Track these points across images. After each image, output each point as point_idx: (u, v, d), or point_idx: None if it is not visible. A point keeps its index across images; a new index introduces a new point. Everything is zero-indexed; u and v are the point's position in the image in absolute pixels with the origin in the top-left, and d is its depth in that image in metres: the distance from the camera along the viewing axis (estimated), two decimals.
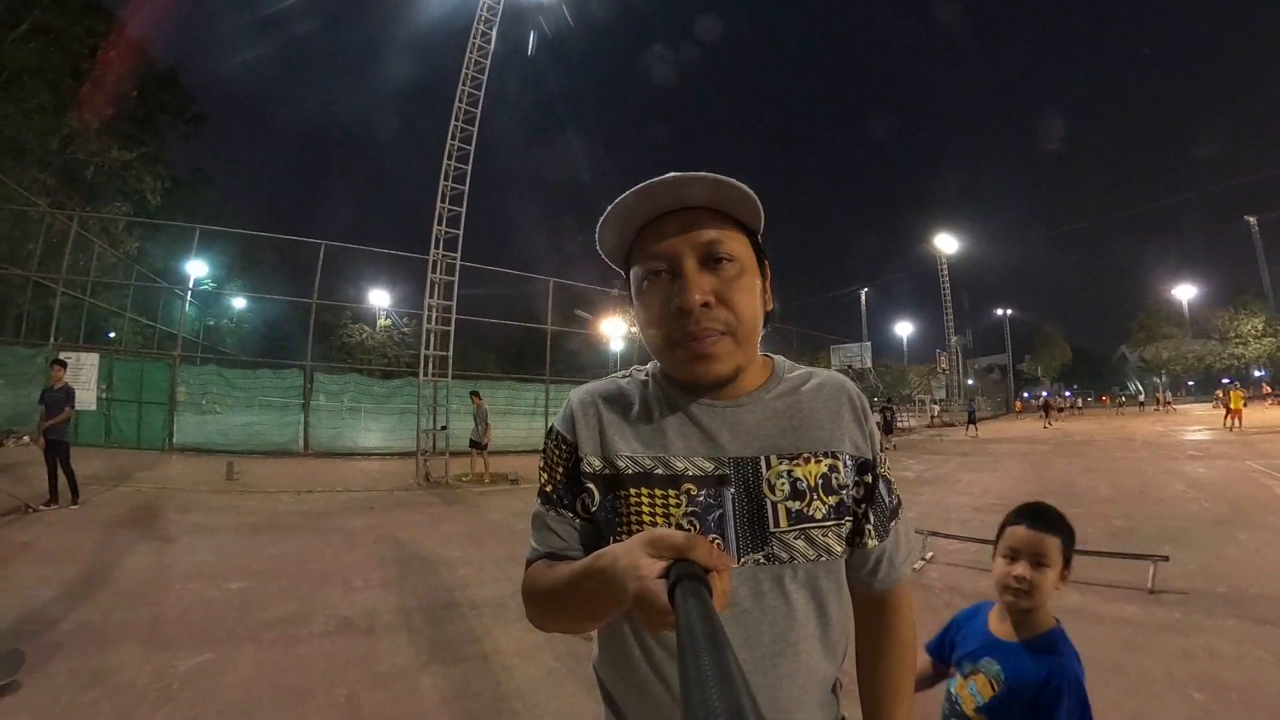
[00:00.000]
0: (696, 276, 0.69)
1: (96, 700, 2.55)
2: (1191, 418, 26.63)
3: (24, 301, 16.84)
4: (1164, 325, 45.76)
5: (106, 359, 12.38)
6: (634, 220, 0.72)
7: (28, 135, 18.06)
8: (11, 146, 17.65)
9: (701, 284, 0.68)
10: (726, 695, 0.30)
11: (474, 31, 11.28)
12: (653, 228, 0.71)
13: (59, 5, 18.84)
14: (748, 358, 0.74)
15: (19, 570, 4.18)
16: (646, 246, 0.72)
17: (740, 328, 0.70)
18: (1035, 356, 63.26)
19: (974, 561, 4.54)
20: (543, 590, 0.70)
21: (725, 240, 0.70)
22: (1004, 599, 1.24)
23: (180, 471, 9.41)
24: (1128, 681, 2.63)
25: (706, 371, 0.70)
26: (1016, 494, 7.86)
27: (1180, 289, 46.28)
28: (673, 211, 0.71)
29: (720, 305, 0.69)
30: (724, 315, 0.69)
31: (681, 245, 0.70)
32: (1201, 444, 13.86)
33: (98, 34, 20.73)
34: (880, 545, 0.77)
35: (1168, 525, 5.59)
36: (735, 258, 0.71)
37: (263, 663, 2.93)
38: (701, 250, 0.70)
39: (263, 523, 6.10)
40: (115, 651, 3.00)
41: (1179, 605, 3.52)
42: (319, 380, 14.49)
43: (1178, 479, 8.48)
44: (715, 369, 0.70)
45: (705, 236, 0.70)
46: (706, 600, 0.43)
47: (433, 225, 10.60)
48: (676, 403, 0.75)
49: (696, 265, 0.69)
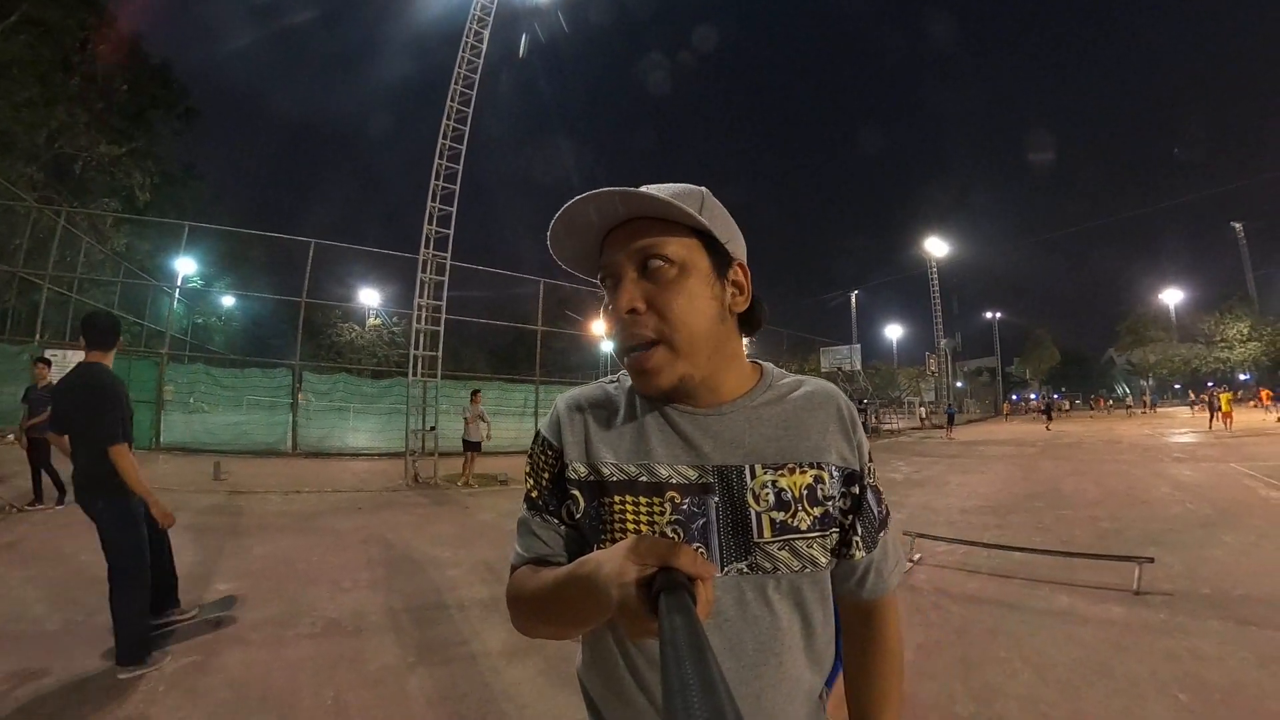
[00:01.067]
0: (629, 285, 0.68)
1: (82, 702, 2.52)
2: (1177, 420, 26.97)
3: (10, 297, 16.59)
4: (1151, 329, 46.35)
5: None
6: (590, 235, 0.73)
7: (16, 129, 17.86)
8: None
9: (633, 291, 0.68)
10: (709, 703, 0.30)
11: (467, 31, 11.25)
12: (608, 239, 0.72)
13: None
14: (699, 366, 0.70)
15: (2, 572, 4.12)
16: (600, 259, 0.73)
17: (675, 334, 0.67)
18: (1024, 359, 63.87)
19: (962, 563, 4.58)
20: (527, 596, 0.70)
21: (662, 244, 0.69)
22: None
23: (167, 471, 9.30)
24: (1113, 683, 2.66)
25: (647, 384, 0.70)
26: (1004, 496, 7.94)
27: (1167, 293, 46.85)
28: (623, 223, 0.71)
29: (650, 312, 0.68)
30: (653, 322, 0.68)
31: (620, 254, 0.70)
32: (1187, 446, 14.03)
33: (89, 27, 20.50)
34: (868, 556, 0.76)
35: (1154, 527, 5.65)
36: (673, 260, 0.68)
37: (250, 664, 2.90)
38: (638, 257, 0.69)
39: (250, 523, 6.04)
40: (100, 653, 2.96)
41: (1164, 606, 3.55)
42: (308, 380, 14.41)
43: (1164, 481, 8.58)
44: (654, 382, 0.69)
45: (640, 243, 0.69)
46: (690, 608, 0.43)
47: (423, 225, 10.57)
48: (660, 410, 0.74)
49: (635, 274, 0.69)
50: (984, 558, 4.64)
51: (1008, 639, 3.18)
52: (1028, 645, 3.08)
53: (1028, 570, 4.31)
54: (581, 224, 0.71)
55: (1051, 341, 62.53)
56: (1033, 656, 2.94)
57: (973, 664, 2.89)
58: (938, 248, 40.80)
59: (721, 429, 0.72)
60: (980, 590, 4.02)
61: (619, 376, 0.81)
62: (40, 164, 19.47)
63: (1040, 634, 3.22)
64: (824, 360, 28.77)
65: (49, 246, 14.28)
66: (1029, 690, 2.61)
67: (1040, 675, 2.74)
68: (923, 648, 3.12)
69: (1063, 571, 4.22)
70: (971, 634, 3.29)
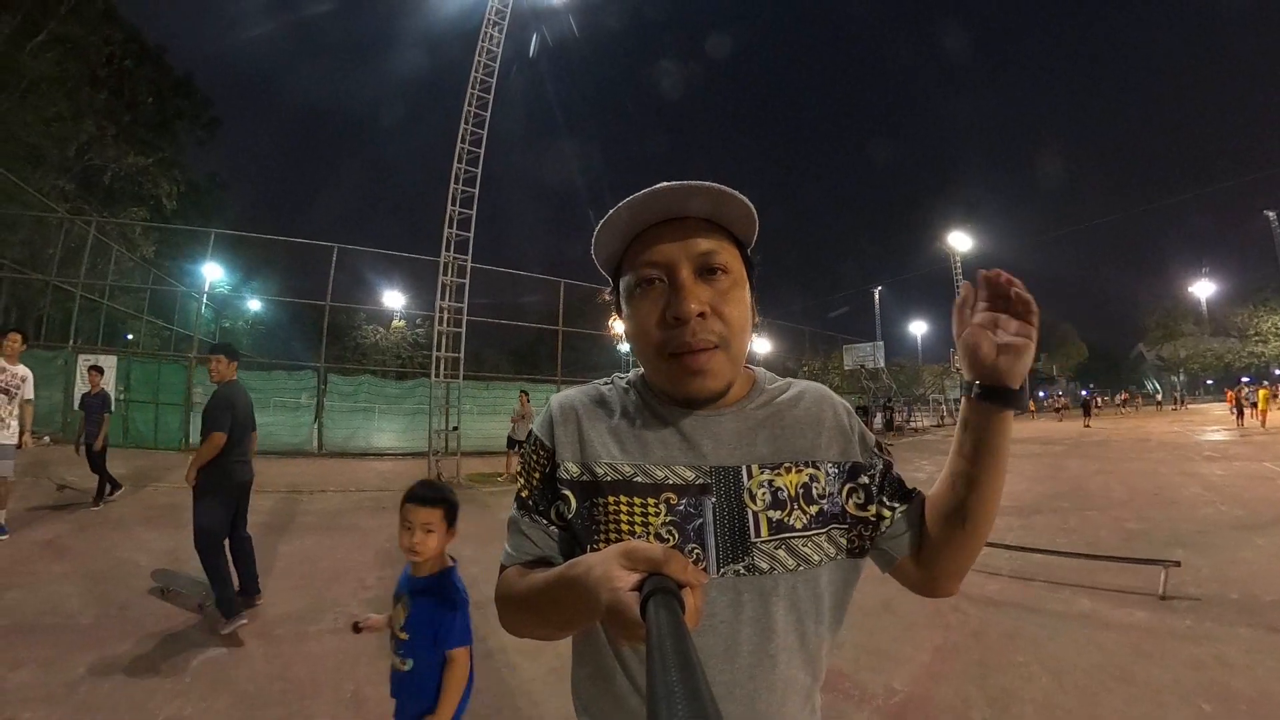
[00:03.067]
0: (693, 286, 0.68)
1: (112, 691, 2.63)
2: (1210, 417, 26.18)
3: (44, 305, 17.17)
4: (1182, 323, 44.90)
5: (124, 361, 12.61)
6: (631, 228, 0.71)
7: (47, 143, 18.45)
8: (31, 154, 18.03)
9: (698, 294, 0.68)
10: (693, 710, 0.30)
11: (482, 34, 11.34)
12: (648, 235, 0.71)
13: (76, 14, 19.22)
14: (737, 373, 0.73)
15: (41, 567, 4.28)
16: (640, 254, 0.71)
17: (733, 342, 0.70)
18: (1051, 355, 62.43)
19: (982, 565, 4.48)
20: (516, 596, 0.71)
21: (720, 251, 0.70)
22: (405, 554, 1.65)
23: None
24: (1134, 690, 2.61)
25: (701, 388, 0.70)
26: (1028, 496, 7.79)
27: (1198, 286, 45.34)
28: (668, 220, 0.70)
29: (715, 317, 0.68)
30: (718, 327, 0.69)
31: (678, 254, 0.69)
32: (1218, 445, 13.62)
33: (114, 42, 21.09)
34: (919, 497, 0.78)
35: (1182, 529, 5.52)
36: (729, 270, 0.71)
37: (273, 657, 2.99)
38: (698, 260, 0.69)
39: (276, 522, 6.18)
40: (132, 644, 3.08)
41: (1190, 612, 3.47)
42: (332, 381, 14.64)
43: (1193, 481, 8.35)
44: (709, 385, 0.70)
45: (702, 246, 0.70)
46: (678, 615, 0.42)
47: (443, 228, 10.68)
48: (658, 411, 0.74)
49: (692, 275, 0.69)
50: (1005, 559, 4.56)
51: (1026, 643, 3.14)
52: (1046, 650, 3.04)
53: (1049, 572, 4.24)
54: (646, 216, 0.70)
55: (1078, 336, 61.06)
56: (1051, 661, 2.90)
57: (990, 668, 2.86)
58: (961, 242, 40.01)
59: (720, 430, 0.73)
60: (1000, 593, 3.96)
61: (613, 378, 0.82)
62: (71, 176, 20.11)
63: (1060, 638, 3.17)
64: (846, 358, 28.40)
65: (81, 255, 14.71)
66: (1046, 696, 2.58)
67: (1058, 681, 2.70)
68: (939, 650, 3.09)
69: (1085, 574, 4.14)
70: (989, 637, 3.25)
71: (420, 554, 1.61)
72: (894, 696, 2.63)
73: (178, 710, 2.50)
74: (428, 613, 1.59)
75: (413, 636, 1.59)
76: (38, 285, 16.28)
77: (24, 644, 3.05)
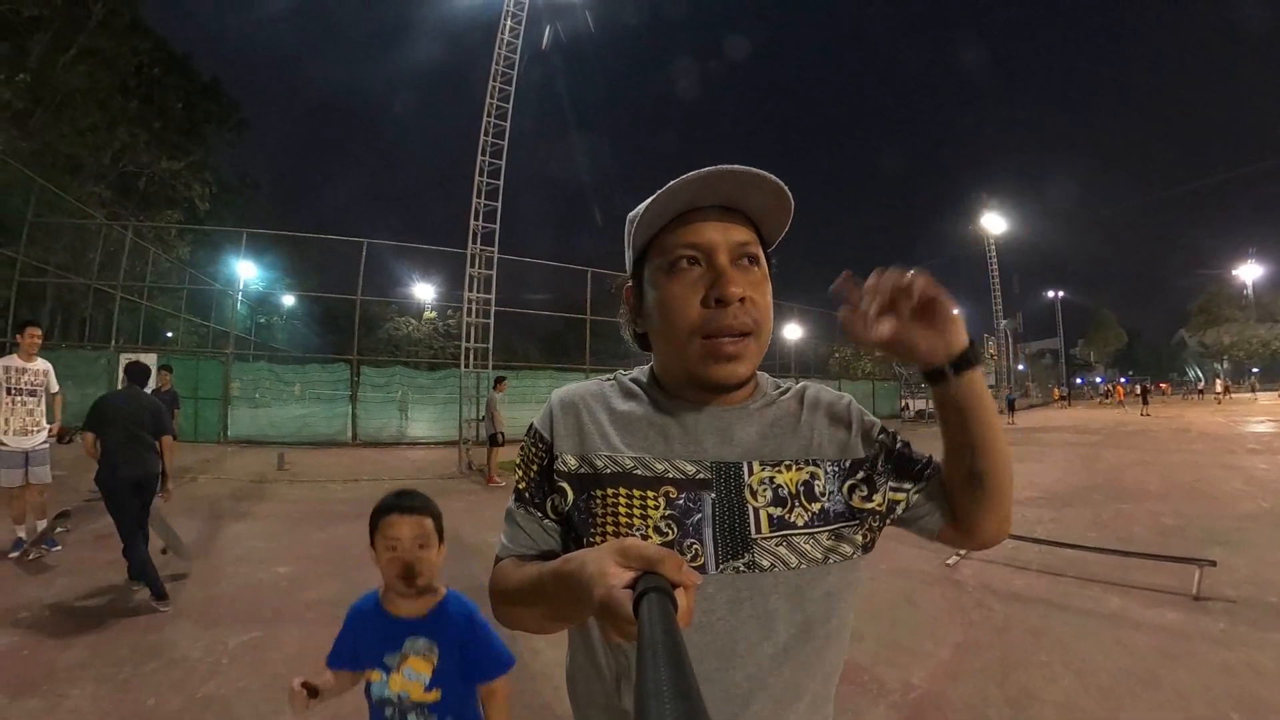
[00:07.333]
0: (734, 272, 0.69)
1: (155, 671, 2.78)
2: (1257, 408, 25.12)
3: (86, 307, 17.92)
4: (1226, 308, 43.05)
5: (164, 358, 13.07)
6: (683, 207, 0.71)
7: (82, 152, 19.23)
8: (69, 164, 18.81)
9: (738, 278, 0.69)
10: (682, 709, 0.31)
11: (501, 27, 11.38)
12: (690, 216, 0.71)
13: (105, 27, 19.89)
14: (758, 364, 0.74)
15: (89, 556, 4.51)
16: (676, 235, 0.71)
17: (762, 332, 0.71)
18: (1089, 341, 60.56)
19: (1010, 558, 4.42)
20: (510, 589, 0.71)
21: (753, 244, 0.72)
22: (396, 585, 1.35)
23: (234, 463, 9.90)
24: (1160, 695, 2.54)
25: (731, 373, 0.70)
26: (1061, 487, 7.62)
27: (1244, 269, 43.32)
28: (704, 207, 0.71)
29: (751, 304, 0.70)
30: (755, 314, 0.70)
31: (720, 238, 0.70)
32: (1263, 437, 13.09)
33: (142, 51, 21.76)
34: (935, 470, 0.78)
35: (1220, 525, 5.33)
36: (760, 263, 0.72)
37: (306, 640, 3.09)
38: (736, 250, 0.70)
39: (311, 510, 6.40)
40: (172, 628, 3.25)
41: (1225, 614, 3.35)
42: (365, 373, 14.97)
43: (1235, 474, 8.05)
44: (739, 370, 0.70)
45: (740, 236, 0.70)
46: (670, 614, 0.42)
47: (470, 220, 10.80)
48: (661, 405, 0.75)
49: (730, 262, 0.70)
50: (1034, 553, 4.46)
51: (1051, 641, 3.09)
52: (1071, 649, 2.98)
53: (1079, 568, 4.14)
54: (722, 193, 0.70)
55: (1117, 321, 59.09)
56: (1075, 661, 2.84)
57: (1011, 666, 2.82)
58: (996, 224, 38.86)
59: (723, 425, 0.73)
60: (1027, 588, 3.90)
61: (615, 375, 0.83)
62: (107, 183, 20.97)
63: (1086, 638, 3.11)
64: None
65: (119, 259, 15.31)
66: (1067, 697, 2.53)
67: (1081, 682, 2.65)
68: (960, 646, 3.06)
69: (1116, 571, 4.03)
70: (1013, 634, 3.21)
71: (422, 574, 1.34)
72: (911, 692, 2.61)
73: (214, 690, 2.63)
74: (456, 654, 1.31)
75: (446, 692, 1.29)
76: (80, 289, 16.99)
77: (74, 627, 3.25)
